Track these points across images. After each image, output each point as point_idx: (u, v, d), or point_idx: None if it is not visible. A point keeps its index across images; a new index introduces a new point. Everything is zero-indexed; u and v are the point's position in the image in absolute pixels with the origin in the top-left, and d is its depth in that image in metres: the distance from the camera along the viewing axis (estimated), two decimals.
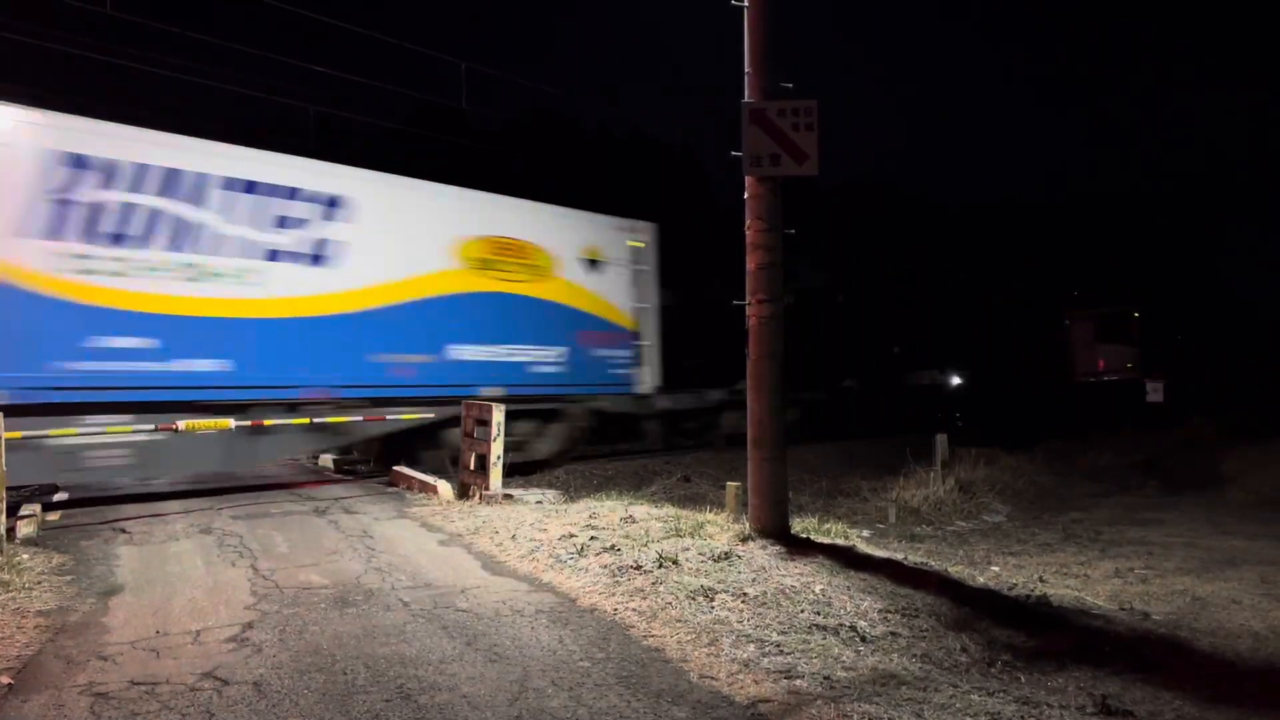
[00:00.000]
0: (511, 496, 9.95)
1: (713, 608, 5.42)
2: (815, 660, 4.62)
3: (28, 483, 10.22)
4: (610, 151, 34.72)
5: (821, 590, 5.71)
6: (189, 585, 6.31)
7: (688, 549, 6.55)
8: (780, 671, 4.45)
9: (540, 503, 9.64)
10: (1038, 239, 40.03)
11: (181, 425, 9.80)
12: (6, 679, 4.40)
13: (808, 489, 13.16)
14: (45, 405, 9.21)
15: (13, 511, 8.58)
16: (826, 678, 4.38)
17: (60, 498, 10.77)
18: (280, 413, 10.95)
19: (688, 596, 5.59)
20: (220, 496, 10.68)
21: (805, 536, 7.22)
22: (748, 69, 7.22)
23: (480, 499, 9.78)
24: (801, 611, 5.35)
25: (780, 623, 5.17)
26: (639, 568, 6.19)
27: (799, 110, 6.94)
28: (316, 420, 11.03)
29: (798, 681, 4.33)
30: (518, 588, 6.13)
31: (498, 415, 9.92)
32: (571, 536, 7.28)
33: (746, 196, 7.24)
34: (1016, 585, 6.76)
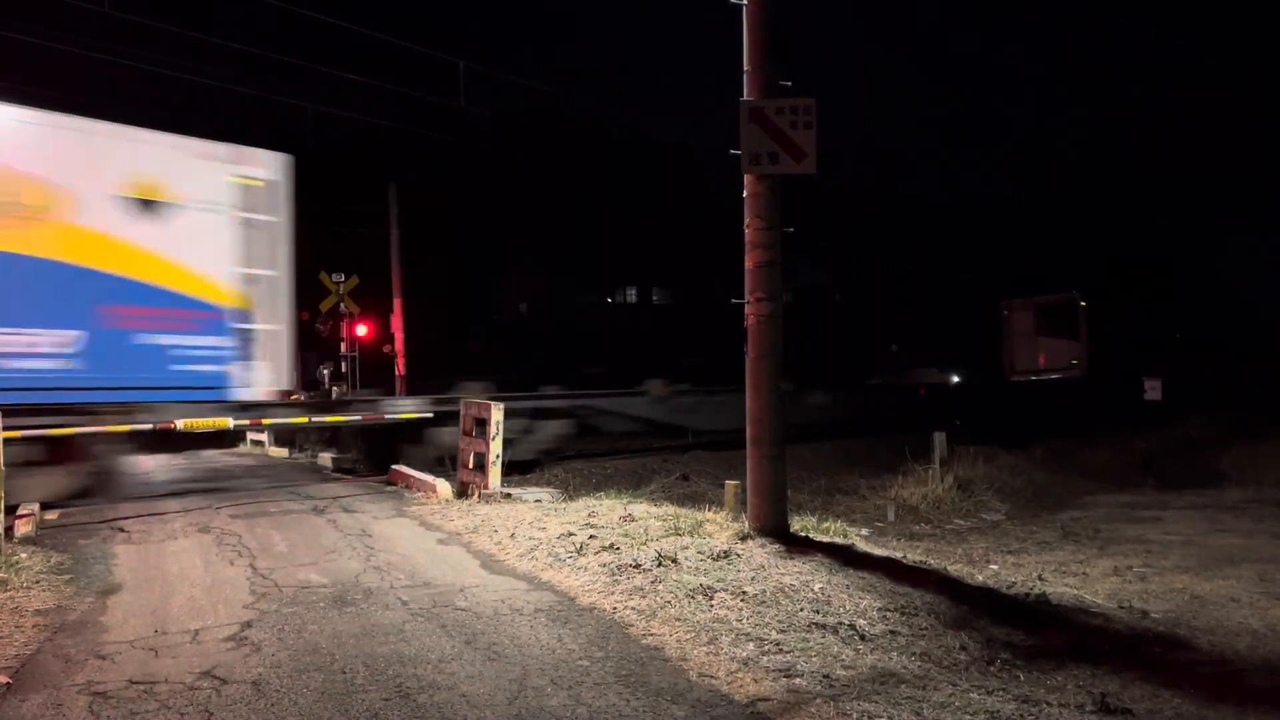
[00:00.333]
0: (510, 495, 9.95)
1: (712, 606, 5.42)
2: (814, 659, 4.62)
3: None
4: (608, 150, 34.70)
5: (821, 589, 5.71)
6: (187, 584, 6.31)
7: (687, 547, 6.55)
8: (779, 670, 4.45)
9: (539, 501, 9.64)
10: (1038, 238, 40.10)
11: (180, 425, 9.80)
12: (5, 678, 4.40)
13: (806, 487, 13.16)
14: None
15: (11, 510, 8.58)
16: (826, 676, 4.38)
17: None
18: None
19: (687, 595, 5.60)
20: (219, 495, 10.67)
21: (804, 535, 7.22)
22: (746, 67, 7.21)
23: (479, 498, 9.78)
24: (801, 610, 5.36)
25: (779, 621, 5.17)
26: (638, 566, 6.19)
27: (797, 108, 6.93)
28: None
29: (797, 680, 4.33)
30: (517, 586, 6.13)
31: (496, 414, 9.92)
32: (570, 535, 7.28)
33: (745, 195, 7.23)
34: (1015, 583, 6.76)
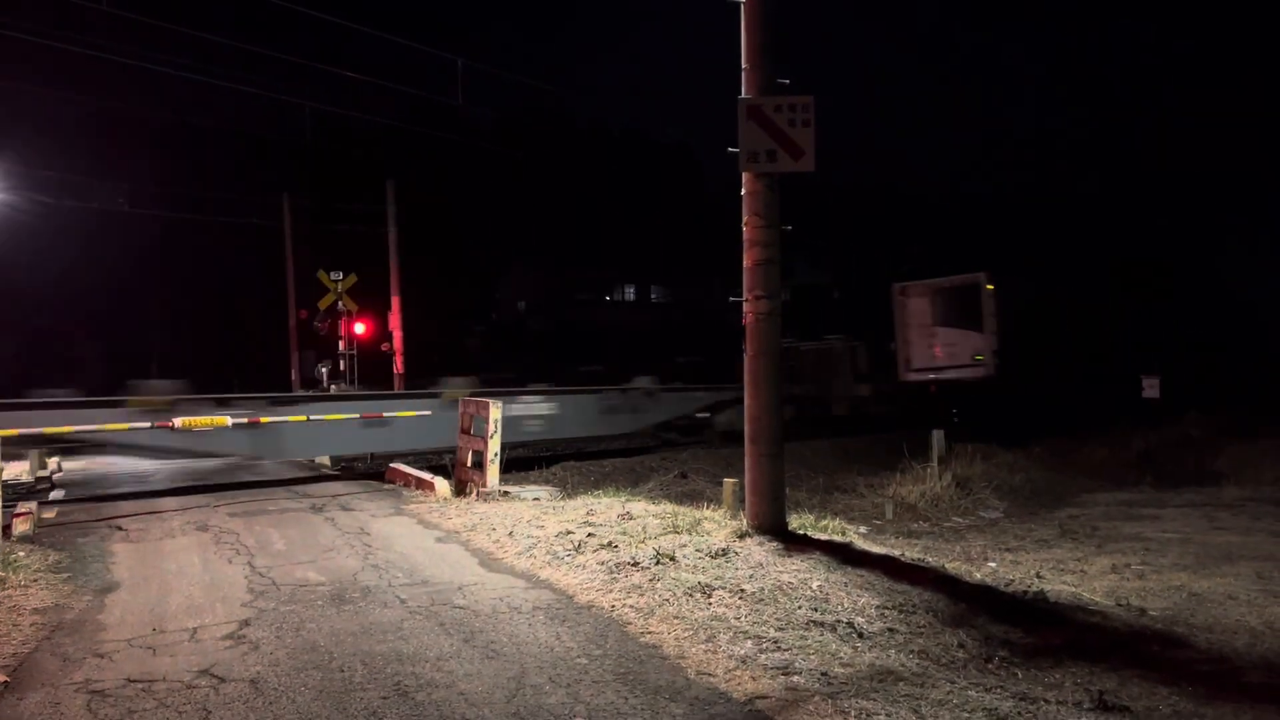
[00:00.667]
0: (509, 493, 9.95)
1: (710, 604, 5.42)
2: (813, 656, 4.62)
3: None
4: (608, 149, 34.68)
5: (819, 586, 5.72)
6: (186, 582, 6.31)
7: (685, 545, 6.55)
8: (778, 668, 4.46)
9: (537, 500, 9.64)
10: (1038, 238, 40.11)
11: (178, 423, 9.80)
12: (3, 677, 4.40)
13: (805, 485, 13.16)
14: None
15: (9, 509, 8.57)
16: (824, 674, 4.38)
17: (57, 495, 10.76)
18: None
19: (685, 593, 5.60)
20: (217, 494, 10.66)
21: (802, 533, 7.22)
22: (744, 65, 7.20)
23: (477, 496, 9.78)
24: (799, 608, 5.36)
25: (778, 619, 5.18)
26: (636, 564, 6.20)
27: (795, 106, 6.93)
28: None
29: (795, 678, 4.33)
30: (515, 584, 6.13)
31: (495, 412, 9.92)
32: (569, 533, 7.28)
33: (743, 193, 7.22)
34: (1013, 581, 6.76)
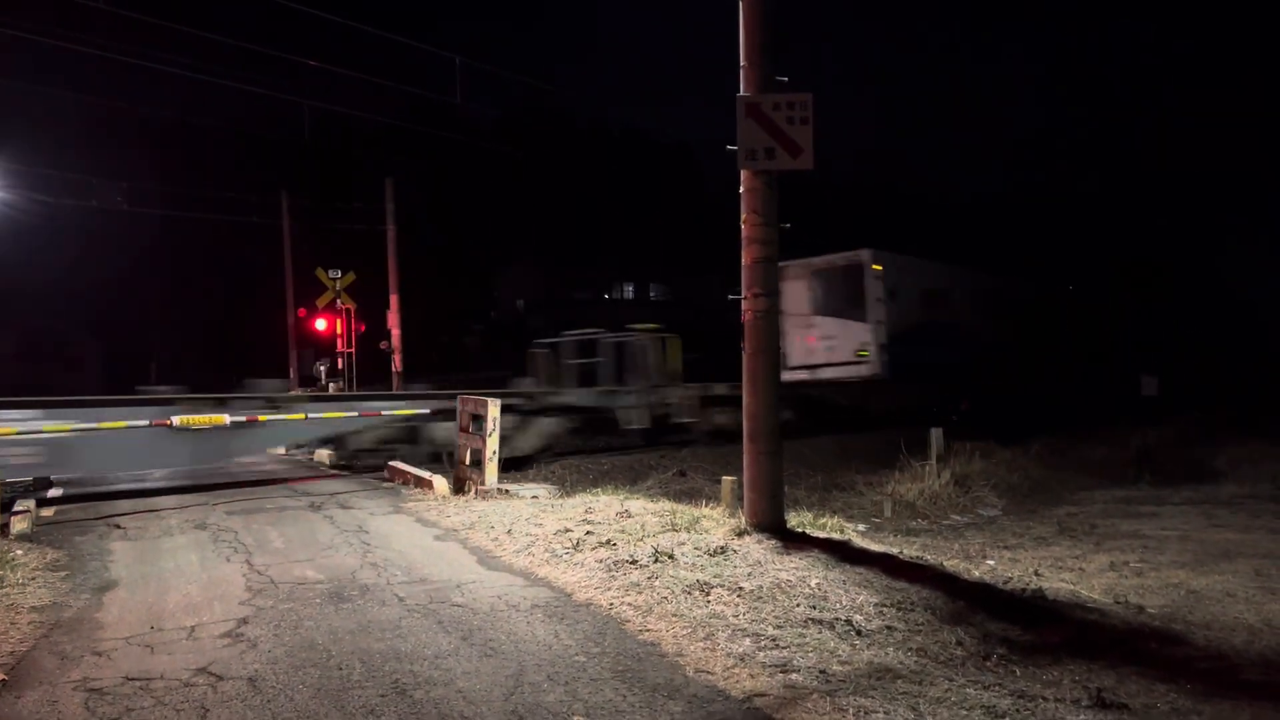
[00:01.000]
0: (507, 491, 9.94)
1: (708, 602, 5.42)
2: (811, 654, 4.62)
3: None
4: (608, 149, 34.66)
5: (817, 584, 5.72)
6: (184, 581, 6.30)
7: (683, 543, 6.55)
8: (776, 665, 4.46)
9: (536, 498, 9.64)
10: (1038, 238, 40.12)
11: (176, 421, 9.79)
12: (1, 675, 4.39)
13: (803, 483, 13.15)
14: None
15: (6, 507, 8.57)
16: (822, 672, 4.38)
17: (55, 494, 10.75)
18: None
19: (683, 591, 5.60)
20: (215, 492, 10.66)
21: (801, 531, 7.22)
22: (743, 62, 7.19)
23: (476, 494, 9.77)
24: (797, 606, 5.36)
25: (776, 617, 5.18)
26: (635, 562, 6.20)
27: (794, 104, 6.92)
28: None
29: (793, 675, 4.33)
30: (513, 582, 6.13)
31: (493, 410, 9.91)
32: (567, 531, 7.28)
33: (742, 191, 7.21)
34: (1012, 579, 6.76)
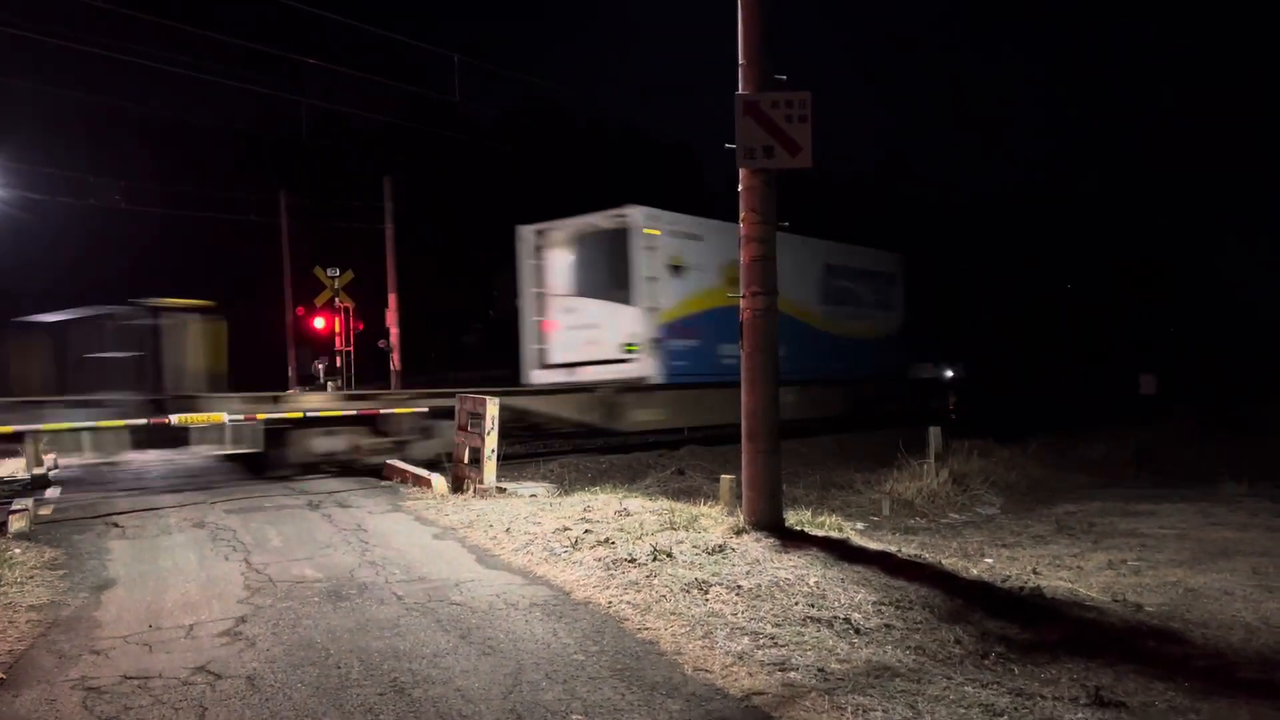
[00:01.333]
0: (505, 490, 9.94)
1: (707, 600, 5.42)
2: (809, 653, 4.62)
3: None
4: (605, 145, 34.62)
5: (816, 583, 5.72)
6: (182, 579, 6.30)
7: (682, 542, 6.55)
8: (774, 664, 4.46)
9: (534, 496, 9.63)
10: (1037, 238, 40.08)
11: (174, 420, 9.78)
12: None
13: (801, 482, 13.15)
14: None
15: (4, 506, 8.56)
16: (821, 670, 4.38)
17: (53, 493, 10.74)
18: None
19: (682, 589, 5.60)
20: (214, 491, 10.65)
21: (799, 529, 7.22)
22: (741, 61, 7.19)
23: (474, 492, 9.77)
24: (796, 604, 5.36)
25: (774, 615, 5.18)
26: (633, 561, 6.19)
27: (792, 102, 6.91)
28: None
29: (792, 674, 4.34)
30: (512, 581, 6.13)
31: (492, 409, 9.91)
32: (566, 530, 7.28)
33: (741, 189, 7.21)
34: (1010, 577, 6.76)
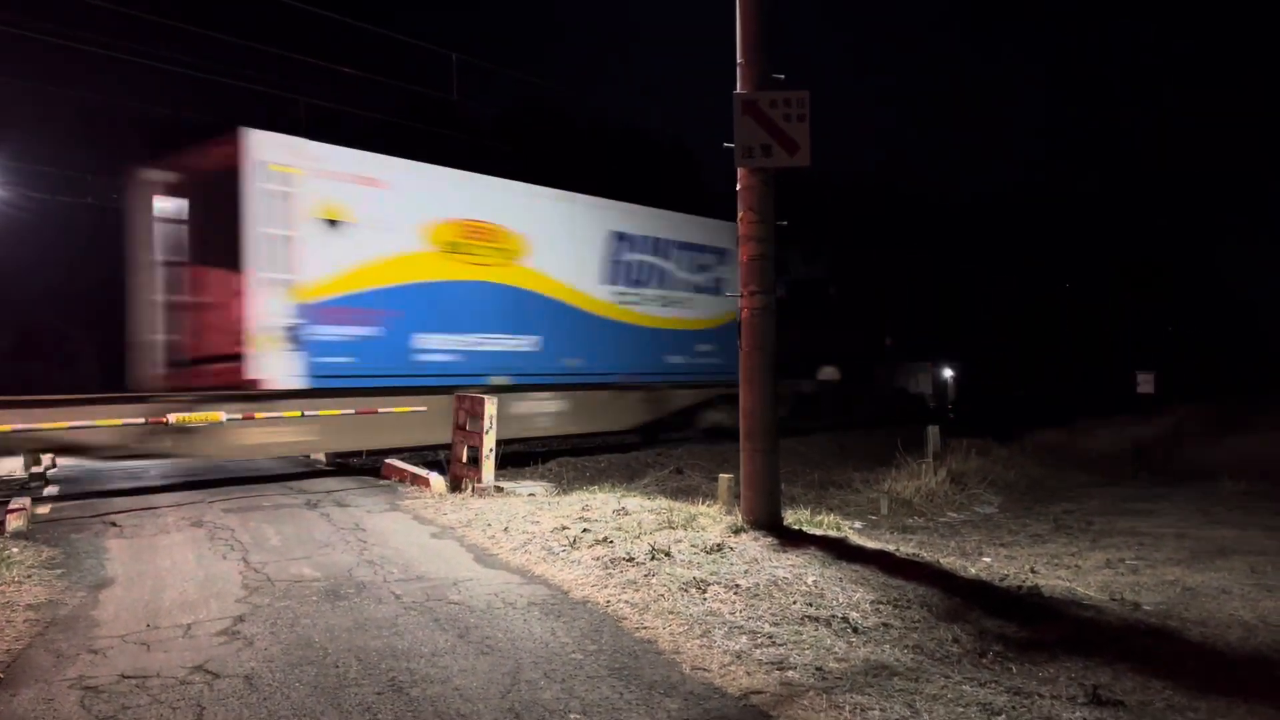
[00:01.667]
0: (504, 489, 9.94)
1: (705, 599, 5.43)
2: (807, 651, 4.63)
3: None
4: (605, 145, 34.60)
5: (814, 582, 5.72)
6: (180, 578, 6.29)
7: (680, 541, 6.56)
8: (773, 663, 4.46)
9: (533, 495, 9.63)
10: (1037, 238, 40.09)
11: (172, 419, 9.76)
12: None
13: (800, 481, 13.15)
14: None
15: (2, 505, 8.55)
16: (819, 669, 4.38)
17: (51, 491, 10.73)
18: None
19: (680, 588, 5.60)
20: (212, 490, 10.64)
21: (797, 528, 7.23)
22: (739, 59, 7.19)
23: (473, 492, 9.77)
24: (794, 603, 5.36)
25: (772, 614, 5.18)
26: (631, 560, 6.20)
27: (791, 101, 6.92)
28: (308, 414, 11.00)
29: (790, 673, 4.34)
30: (510, 580, 6.13)
31: (490, 408, 9.90)
32: (564, 529, 7.28)
33: (739, 188, 7.21)
34: (1008, 576, 6.77)
